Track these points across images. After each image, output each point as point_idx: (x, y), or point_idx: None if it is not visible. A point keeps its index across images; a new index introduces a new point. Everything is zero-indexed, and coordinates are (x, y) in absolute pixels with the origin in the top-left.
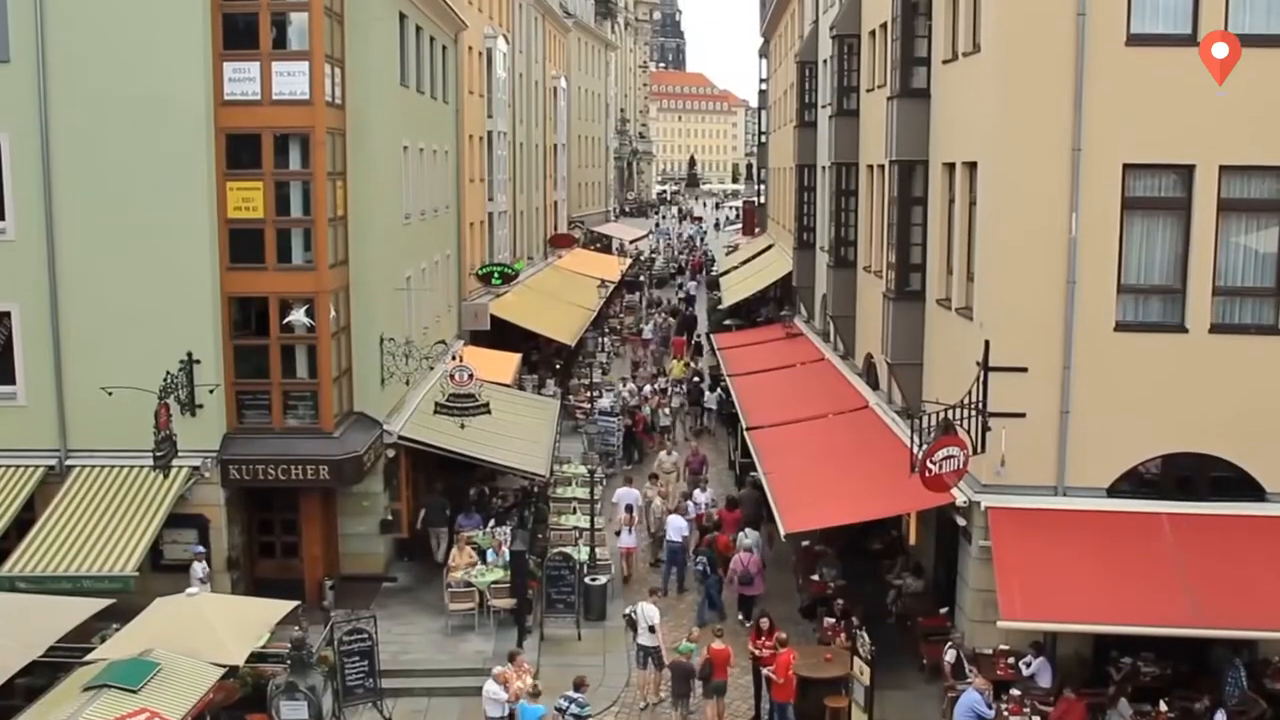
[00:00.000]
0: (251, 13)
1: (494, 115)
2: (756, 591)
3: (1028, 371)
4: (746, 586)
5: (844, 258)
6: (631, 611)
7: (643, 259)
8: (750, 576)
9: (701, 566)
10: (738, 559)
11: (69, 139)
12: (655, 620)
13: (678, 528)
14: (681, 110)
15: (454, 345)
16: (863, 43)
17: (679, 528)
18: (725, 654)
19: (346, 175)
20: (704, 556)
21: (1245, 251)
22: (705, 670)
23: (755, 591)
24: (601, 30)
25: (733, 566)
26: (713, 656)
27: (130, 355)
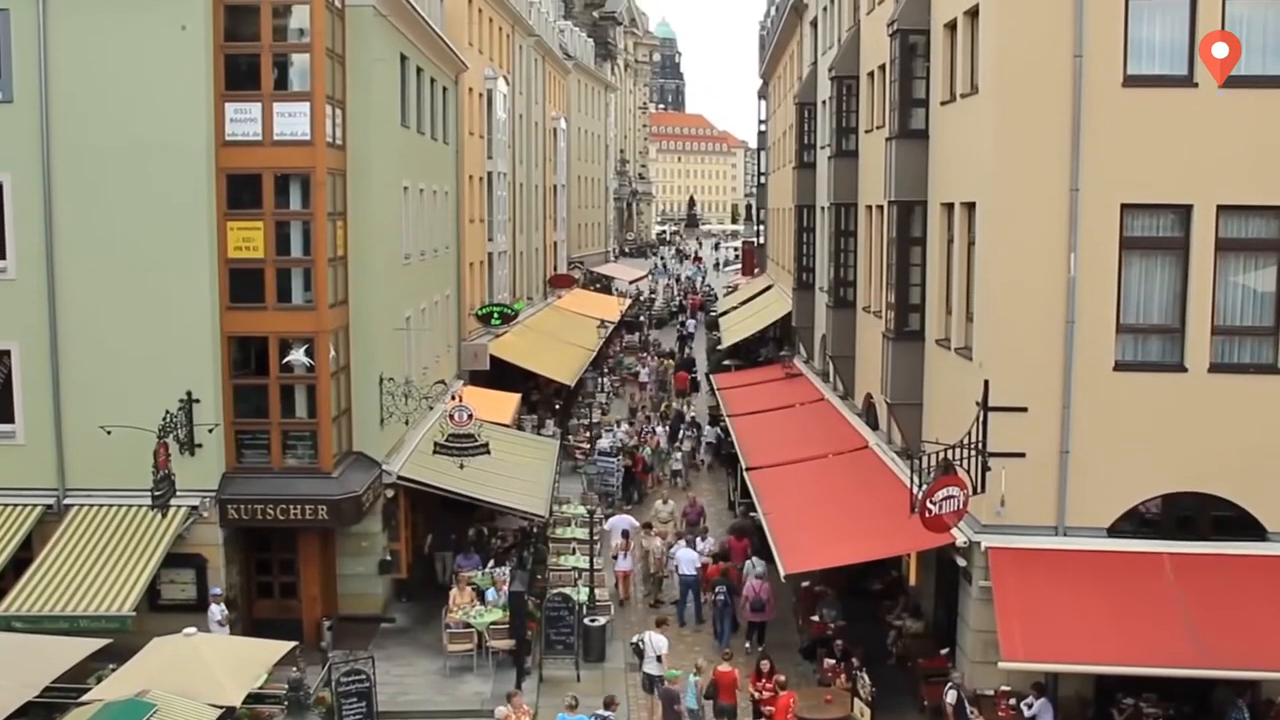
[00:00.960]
0: (253, 54)
1: (494, 156)
2: (768, 617)
3: (1027, 411)
4: (758, 613)
5: (843, 298)
6: (639, 641)
7: (642, 299)
8: (762, 603)
9: (723, 596)
10: (750, 586)
11: (70, 178)
12: (663, 649)
13: (689, 560)
14: (681, 151)
15: (453, 385)
16: (861, 84)
17: (690, 560)
18: (732, 676)
19: (347, 215)
20: (723, 586)
21: (1243, 291)
22: (710, 691)
23: (767, 617)
24: (601, 72)
25: (745, 593)
26: (719, 678)
27: (129, 394)
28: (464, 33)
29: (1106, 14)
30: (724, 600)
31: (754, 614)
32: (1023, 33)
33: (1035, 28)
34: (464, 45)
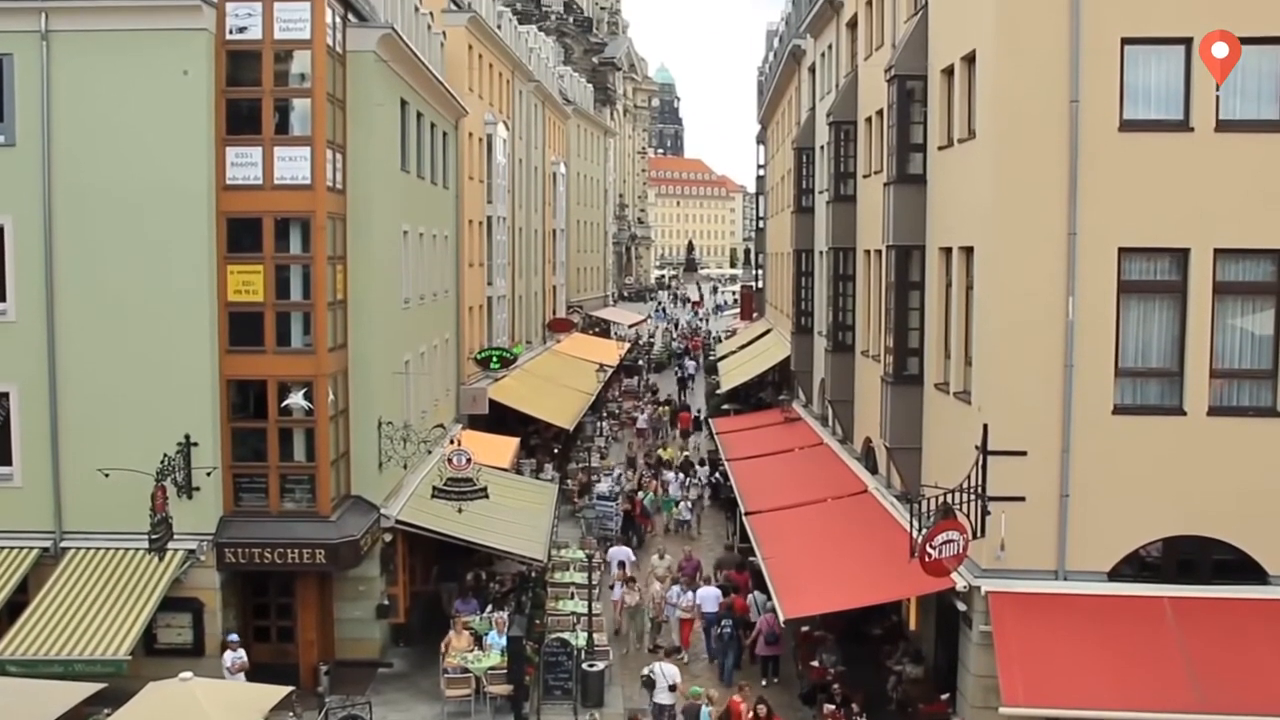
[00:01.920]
0: (254, 99)
1: (494, 200)
2: (780, 650)
3: (1027, 455)
4: (773, 646)
5: (842, 342)
6: (650, 672)
7: (641, 343)
8: (775, 636)
9: (729, 629)
10: (763, 620)
11: (71, 221)
12: (676, 679)
13: (713, 597)
14: (680, 195)
15: (452, 429)
16: (859, 129)
17: (714, 596)
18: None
19: (346, 259)
20: (728, 620)
21: (1242, 334)
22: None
23: (779, 650)
24: (601, 117)
25: (758, 627)
26: (731, 707)
27: (127, 437)
28: (464, 78)
29: (1102, 59)
30: (729, 633)
31: (769, 647)
32: (1020, 78)
33: (1032, 73)
34: (464, 90)
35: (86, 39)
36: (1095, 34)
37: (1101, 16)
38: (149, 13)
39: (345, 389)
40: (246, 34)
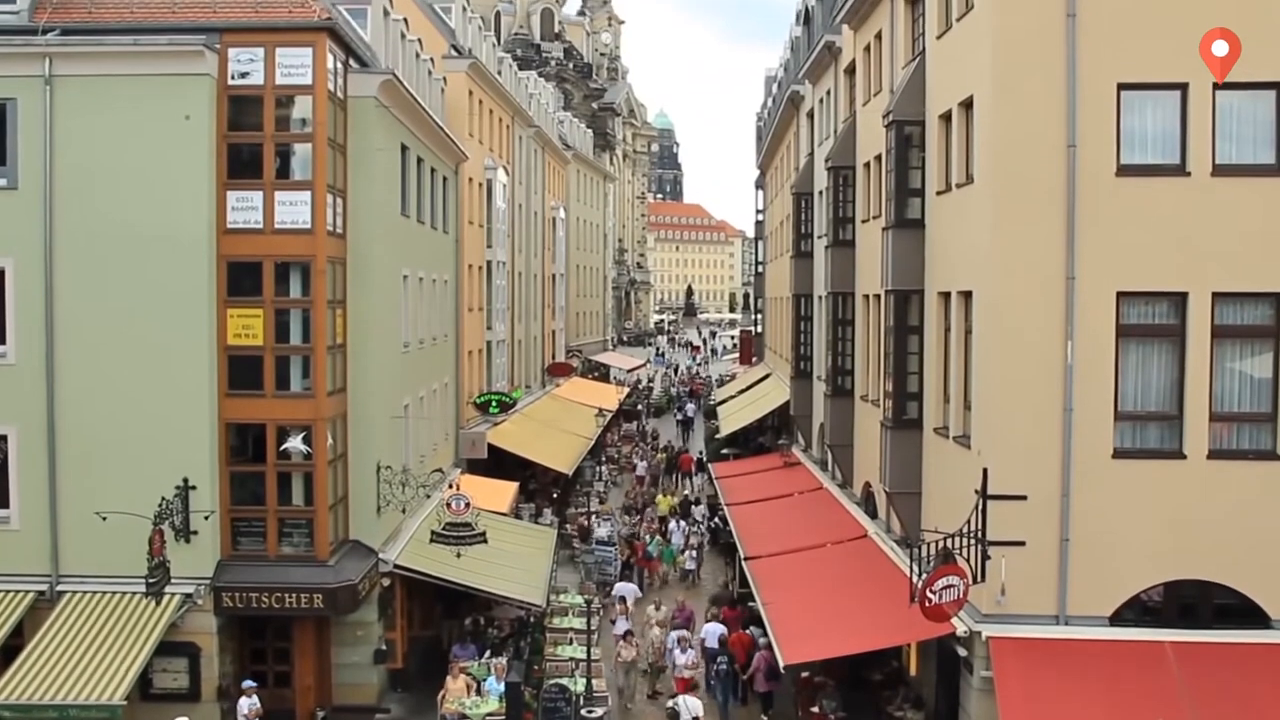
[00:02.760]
0: (256, 143)
1: (493, 245)
2: (778, 687)
3: (1027, 499)
4: (772, 682)
5: (841, 386)
6: (674, 704)
7: (640, 388)
8: (775, 671)
9: (724, 664)
10: (760, 656)
11: (72, 264)
12: (699, 711)
13: (715, 633)
14: (679, 240)
15: (451, 473)
16: (858, 174)
17: (718, 633)
18: None
19: (346, 303)
20: (725, 656)
21: (1240, 377)
22: None
23: (778, 687)
24: (600, 162)
25: (755, 664)
26: None
27: (126, 480)
28: (465, 123)
29: (1099, 104)
30: (725, 668)
31: (768, 683)
32: (1017, 123)
33: (1029, 118)
34: (464, 136)
35: (90, 84)
36: (1091, 79)
37: (1097, 62)
38: (152, 58)
39: (344, 433)
40: (248, 79)
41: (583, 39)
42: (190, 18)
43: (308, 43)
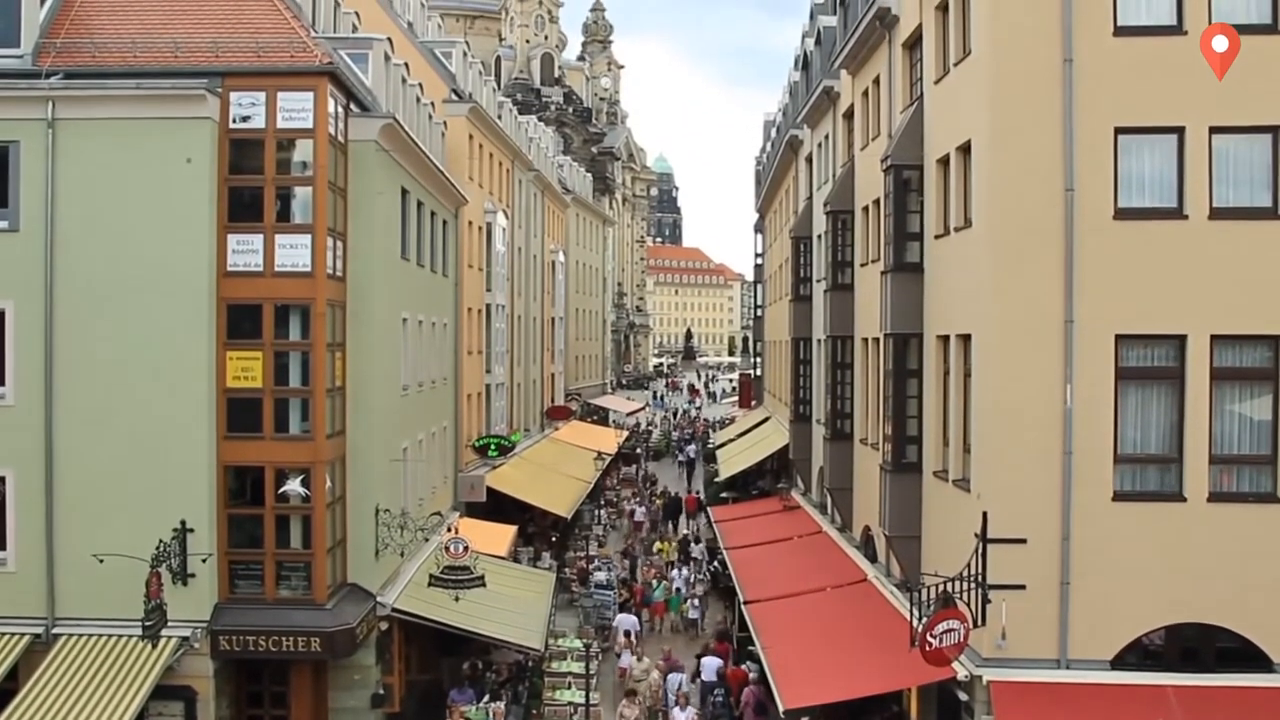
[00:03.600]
0: (256, 187)
1: (493, 288)
2: None
3: (1027, 543)
4: (761, 717)
5: (840, 430)
6: None
7: (639, 431)
8: (764, 706)
9: (720, 697)
10: (749, 691)
11: (73, 306)
12: None
13: (714, 667)
14: (678, 284)
15: (450, 517)
16: (856, 218)
17: (715, 666)
18: None
19: (345, 346)
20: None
21: (1240, 420)
22: None
23: None
24: (600, 206)
25: (745, 699)
26: None
27: (123, 522)
28: (465, 167)
29: (1096, 148)
30: (721, 701)
31: (757, 717)
32: (1015, 167)
33: (1027, 162)
34: (464, 179)
35: (92, 126)
36: (1089, 124)
37: (1094, 106)
38: (155, 102)
39: (343, 476)
40: (250, 123)
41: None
42: (193, 61)
43: (309, 87)
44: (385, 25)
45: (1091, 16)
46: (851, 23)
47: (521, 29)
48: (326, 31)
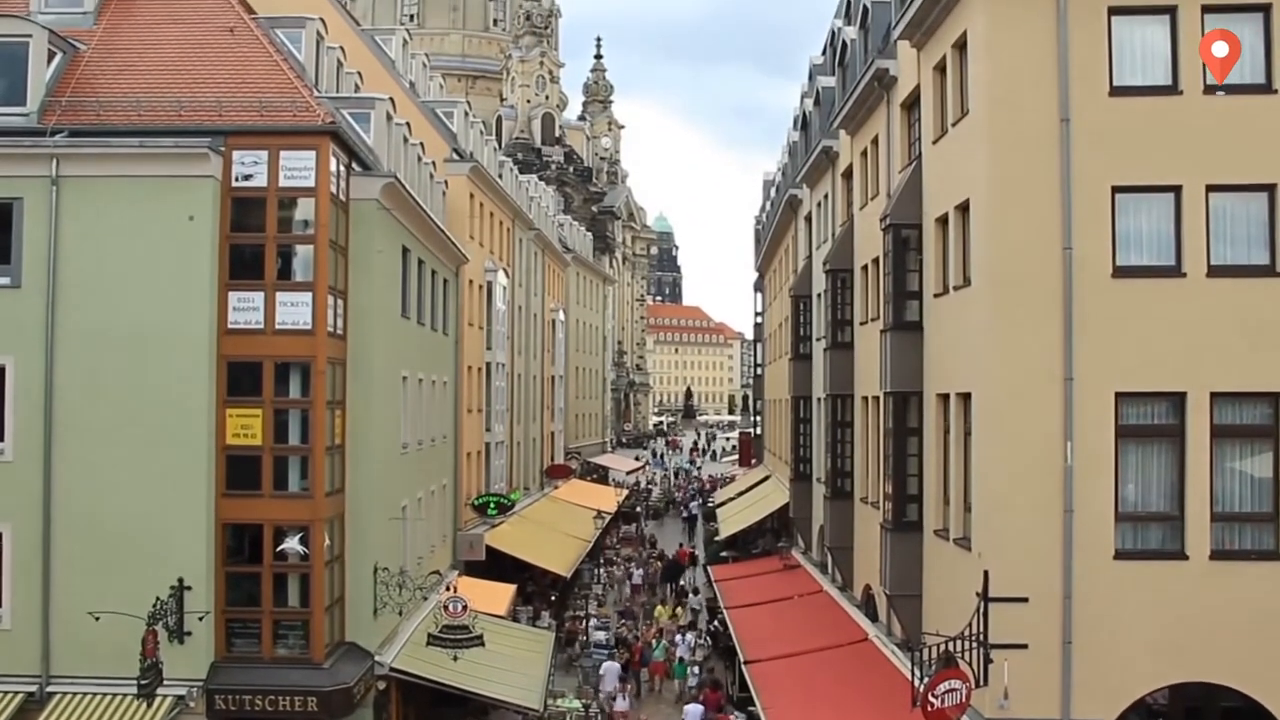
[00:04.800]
0: (258, 245)
1: (493, 347)
2: None
3: (1028, 602)
4: None
5: (841, 489)
6: None
7: (639, 490)
8: None
9: None
10: None
11: (73, 363)
12: None
13: (696, 713)
14: (678, 343)
15: (448, 576)
16: (855, 277)
17: (696, 713)
18: None
19: (345, 404)
20: None
21: (1241, 477)
22: None
23: None
24: (600, 265)
25: None
26: None
27: (120, 580)
28: (465, 226)
29: (1094, 207)
30: None
31: None
32: (1013, 226)
33: (1025, 221)
34: (465, 238)
35: (95, 184)
36: (1086, 183)
37: (1092, 166)
38: (158, 160)
39: (342, 534)
40: (252, 181)
41: (583, 143)
42: (196, 120)
43: (311, 146)
44: (387, 85)
45: (1087, 77)
46: (850, 83)
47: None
48: (329, 91)
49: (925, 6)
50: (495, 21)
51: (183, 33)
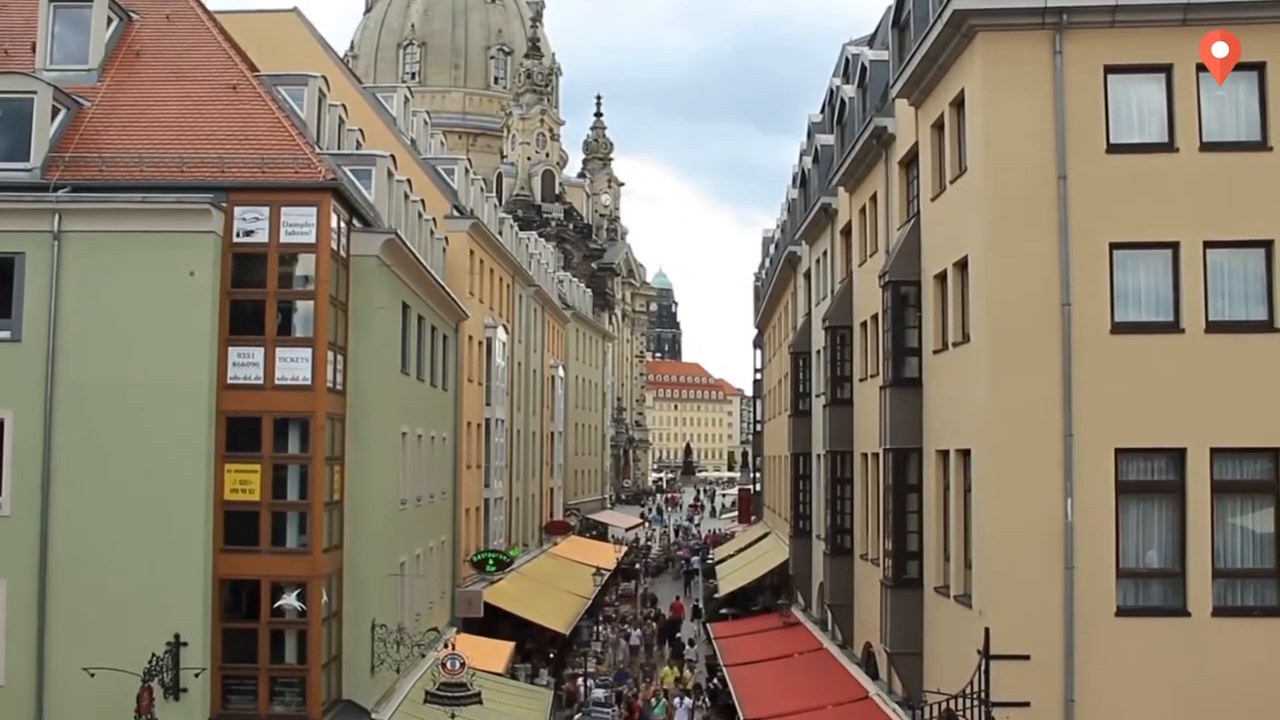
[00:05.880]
0: (259, 300)
1: (492, 403)
2: None
3: (1030, 659)
4: None
5: (840, 545)
6: None
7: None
8: None
9: None
10: None
11: (72, 417)
12: None
13: None
14: (677, 399)
15: (446, 632)
16: (855, 333)
17: None
18: None
19: (344, 459)
20: None
21: (1243, 533)
22: None
23: None
24: (599, 321)
25: None
26: None
27: (116, 635)
28: (465, 282)
29: (1092, 264)
30: None
31: None
32: (1012, 283)
33: (1023, 278)
34: (465, 294)
35: (97, 239)
36: (1084, 239)
37: (1089, 222)
38: (160, 216)
39: (339, 590)
40: (253, 237)
41: (583, 200)
42: (198, 176)
43: (312, 202)
44: (389, 142)
45: (1084, 134)
46: (849, 141)
47: (523, 146)
48: (331, 148)
49: (923, 65)
50: (496, 79)
51: (186, 90)
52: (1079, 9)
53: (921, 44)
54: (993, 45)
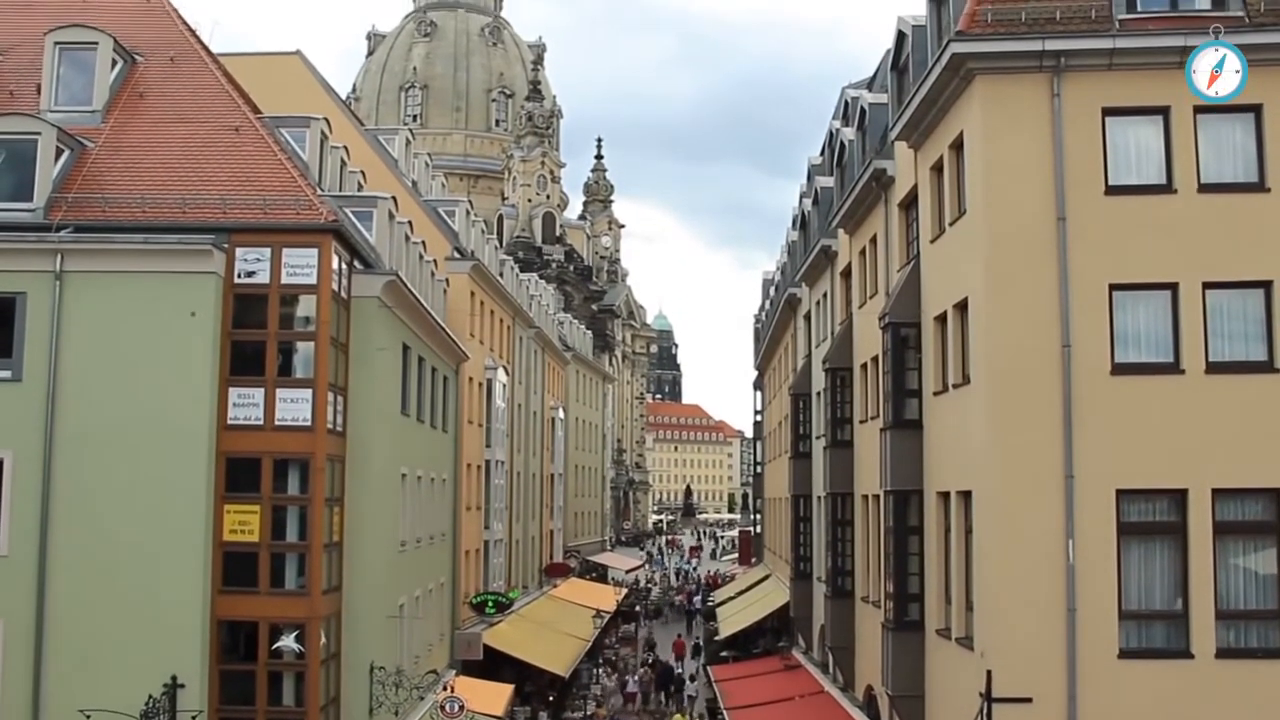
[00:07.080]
0: (259, 341)
1: (492, 445)
2: None
3: (1032, 702)
4: None
5: (841, 588)
6: None
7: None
8: None
9: None
10: None
11: (71, 457)
12: None
13: None
14: (678, 440)
15: (446, 675)
16: (855, 375)
17: None
18: None
19: (344, 501)
20: None
21: (1246, 574)
22: None
23: None
24: (599, 363)
25: None
26: None
27: (113, 676)
28: (466, 324)
29: (1092, 305)
30: None
31: None
32: (1011, 324)
33: (1023, 319)
34: (465, 336)
35: (99, 279)
36: (1083, 281)
37: (1089, 264)
38: (161, 256)
39: (338, 632)
40: (254, 278)
41: (583, 242)
42: (200, 217)
43: (313, 244)
44: (390, 184)
45: (1083, 176)
46: (849, 184)
47: (524, 188)
48: (332, 190)
49: (922, 108)
50: (497, 122)
51: (188, 131)
52: (1076, 52)
53: (920, 87)
54: (991, 88)
